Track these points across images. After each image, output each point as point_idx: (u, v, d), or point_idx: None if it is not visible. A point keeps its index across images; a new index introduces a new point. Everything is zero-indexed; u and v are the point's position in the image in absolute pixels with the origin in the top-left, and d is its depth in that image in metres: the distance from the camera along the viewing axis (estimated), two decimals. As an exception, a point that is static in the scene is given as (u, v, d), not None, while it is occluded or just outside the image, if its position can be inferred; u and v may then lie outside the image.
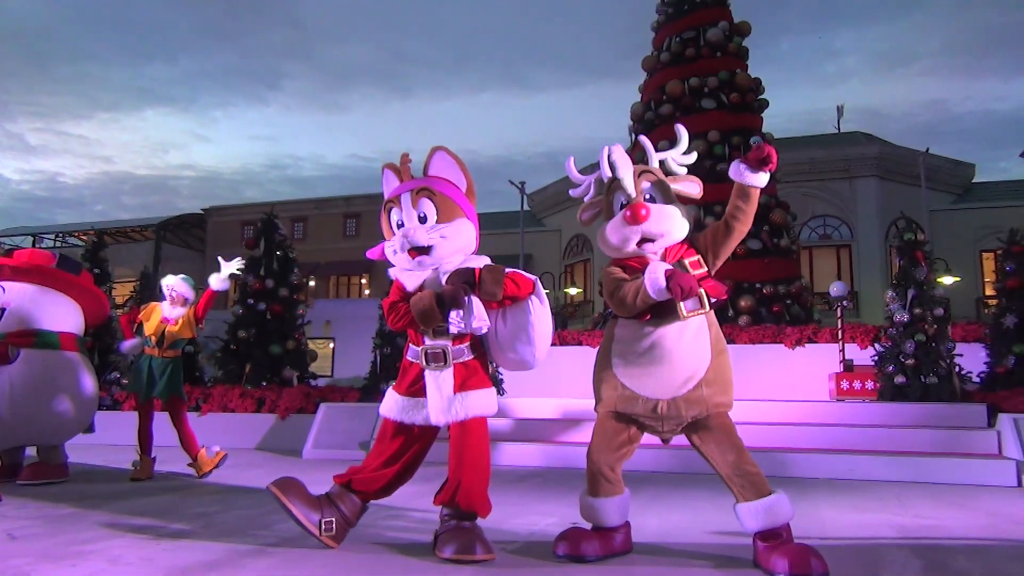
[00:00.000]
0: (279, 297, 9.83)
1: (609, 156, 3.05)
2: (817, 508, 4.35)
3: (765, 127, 14.45)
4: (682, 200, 3.11)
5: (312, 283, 31.01)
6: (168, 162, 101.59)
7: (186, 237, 36.99)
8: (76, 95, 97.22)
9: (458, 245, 3.09)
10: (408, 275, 3.12)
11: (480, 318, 3.00)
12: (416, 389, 3.10)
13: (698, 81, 13.99)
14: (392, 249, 3.10)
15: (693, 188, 3.14)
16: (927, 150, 23.43)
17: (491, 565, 2.85)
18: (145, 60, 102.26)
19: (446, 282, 3.02)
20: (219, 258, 6.01)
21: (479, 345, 3.17)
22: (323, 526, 3.04)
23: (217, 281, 5.85)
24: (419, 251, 3.03)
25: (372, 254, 3.27)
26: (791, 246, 13.48)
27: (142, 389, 5.69)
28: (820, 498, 4.76)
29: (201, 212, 37.66)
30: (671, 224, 2.97)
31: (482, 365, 3.18)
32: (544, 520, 3.85)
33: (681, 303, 2.86)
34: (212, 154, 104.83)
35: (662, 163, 3.17)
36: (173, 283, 5.79)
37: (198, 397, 8.86)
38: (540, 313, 3.11)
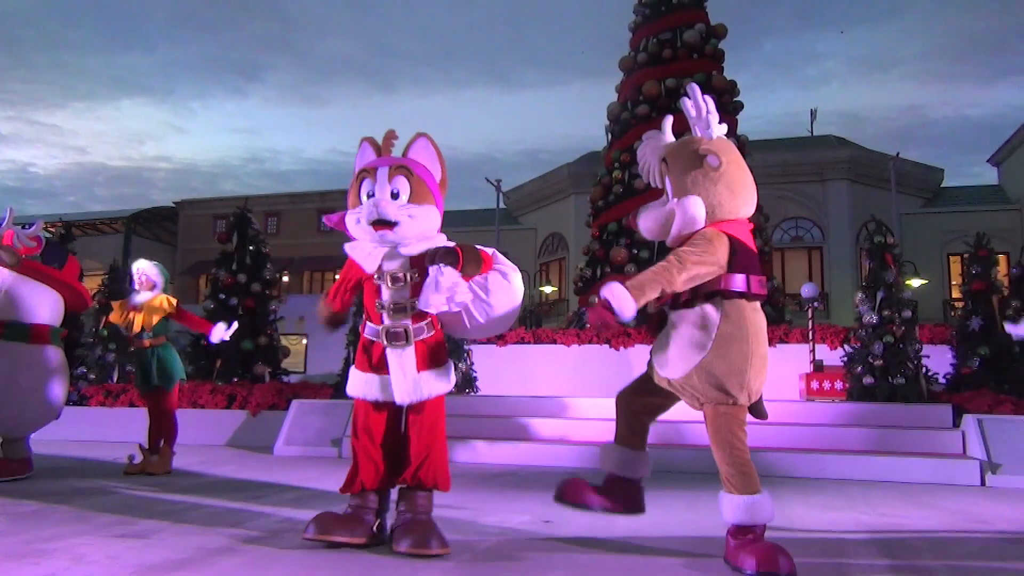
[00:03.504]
0: (251, 292, 9.74)
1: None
2: (786, 506, 4.40)
3: (741, 129, 14.58)
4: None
5: (285, 278, 30.73)
6: (144, 153, 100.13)
7: (157, 230, 36.43)
8: (50, 83, 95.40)
9: (422, 229, 3.08)
10: (365, 256, 3.11)
11: (463, 292, 3.01)
12: (380, 366, 3.12)
13: (675, 82, 14.06)
14: (356, 218, 3.06)
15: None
16: (897, 154, 23.81)
17: (462, 564, 2.84)
18: (122, 49, 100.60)
19: (428, 259, 3.03)
20: (221, 326, 5.89)
21: (436, 322, 3.17)
22: (375, 533, 3.05)
23: (216, 334, 5.80)
24: (384, 224, 3.00)
25: (329, 221, 3.24)
26: (763, 247, 13.62)
27: (139, 383, 5.71)
28: (789, 496, 4.81)
29: (173, 205, 37.13)
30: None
31: (441, 341, 3.20)
32: (516, 518, 3.85)
33: None
34: (189, 146, 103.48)
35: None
36: (144, 267, 5.71)
37: (167, 393, 8.75)
38: (503, 284, 3.17)
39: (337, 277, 3.38)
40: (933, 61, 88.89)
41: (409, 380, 3.05)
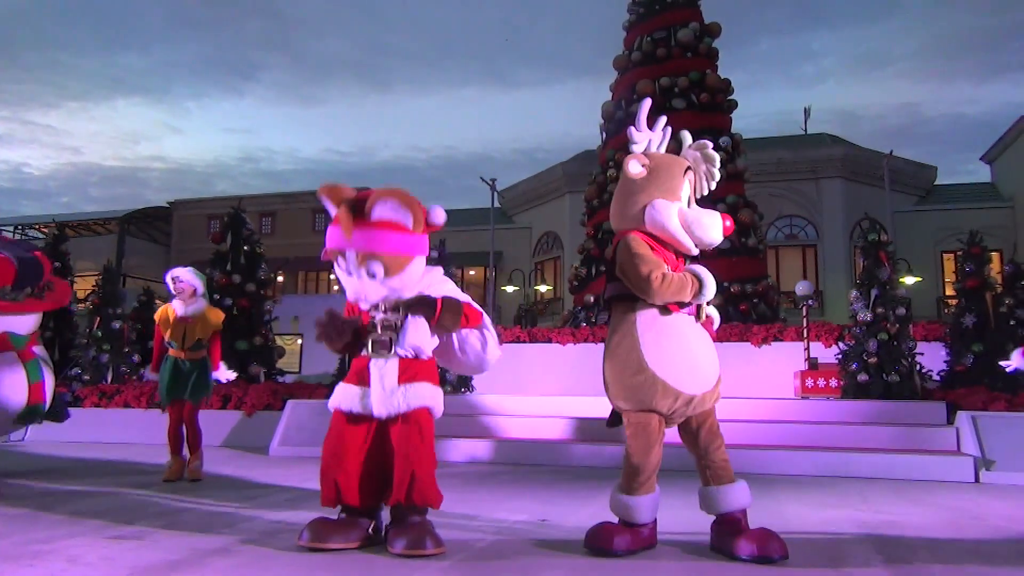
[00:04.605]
0: (246, 292, 9.72)
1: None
2: (781, 504, 4.41)
3: (735, 127, 14.64)
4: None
5: (280, 278, 30.69)
6: (138, 153, 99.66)
7: (151, 231, 36.37)
8: (44, 83, 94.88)
9: (412, 284, 3.09)
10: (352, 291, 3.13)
11: (421, 345, 3.07)
12: (364, 378, 3.10)
13: (669, 81, 14.10)
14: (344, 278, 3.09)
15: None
16: (890, 152, 23.89)
17: (459, 563, 2.84)
18: (118, 49, 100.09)
19: (405, 308, 3.08)
20: (222, 375, 5.77)
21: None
22: (371, 535, 3.06)
23: (220, 374, 5.68)
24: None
25: (325, 256, 3.14)
26: (758, 246, 13.65)
27: (164, 393, 5.42)
28: (784, 494, 4.82)
29: (167, 205, 37.04)
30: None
31: (431, 362, 3.19)
32: (513, 516, 3.85)
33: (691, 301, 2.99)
34: (184, 146, 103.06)
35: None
36: (179, 273, 5.44)
37: (162, 393, 8.73)
38: (483, 347, 3.23)
39: (333, 277, 3.38)
40: (928, 59, 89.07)
41: (388, 391, 3.04)
